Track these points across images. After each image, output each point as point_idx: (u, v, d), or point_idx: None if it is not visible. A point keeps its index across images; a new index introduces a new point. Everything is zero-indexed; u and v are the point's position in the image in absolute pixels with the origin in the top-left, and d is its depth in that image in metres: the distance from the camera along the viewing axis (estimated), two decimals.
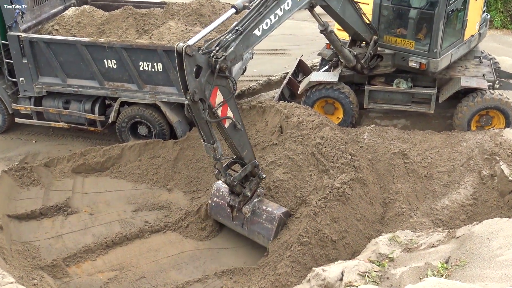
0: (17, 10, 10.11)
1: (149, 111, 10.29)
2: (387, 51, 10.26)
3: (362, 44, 10.36)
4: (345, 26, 9.89)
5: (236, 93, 7.36)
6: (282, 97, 11.23)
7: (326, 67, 11.39)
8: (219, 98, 7.00)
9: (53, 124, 10.99)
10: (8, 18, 10.17)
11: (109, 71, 10.10)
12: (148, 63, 9.84)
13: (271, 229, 7.94)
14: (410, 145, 9.26)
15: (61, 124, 10.93)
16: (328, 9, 9.24)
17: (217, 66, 6.66)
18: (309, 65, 13.12)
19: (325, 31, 9.63)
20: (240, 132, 7.50)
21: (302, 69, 12.66)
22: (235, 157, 7.83)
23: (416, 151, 9.09)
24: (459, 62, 10.58)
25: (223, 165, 7.57)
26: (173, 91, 9.96)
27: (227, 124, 7.26)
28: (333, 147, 8.72)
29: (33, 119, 11.02)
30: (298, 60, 12.63)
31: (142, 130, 10.59)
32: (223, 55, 6.70)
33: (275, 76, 13.22)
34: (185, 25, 10.49)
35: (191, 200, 9.22)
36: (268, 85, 12.96)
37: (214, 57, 6.68)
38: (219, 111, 7.07)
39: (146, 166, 9.88)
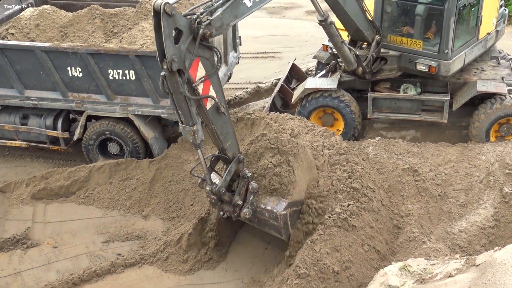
0: None
1: (120, 126, 10.28)
2: (391, 52, 10.36)
3: (363, 45, 10.44)
4: (345, 20, 9.96)
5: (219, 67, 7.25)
6: (273, 107, 11.28)
7: (323, 72, 11.46)
8: (200, 72, 6.85)
9: (9, 143, 10.93)
10: None
11: (74, 81, 10.10)
12: (118, 70, 9.84)
13: (278, 227, 7.90)
14: (421, 160, 9.30)
15: (18, 143, 10.88)
16: None
17: (200, 31, 6.52)
18: (304, 70, 13.22)
19: (325, 22, 9.70)
20: (223, 117, 7.39)
21: (295, 74, 12.74)
22: (217, 152, 7.71)
23: (428, 167, 9.14)
24: (475, 63, 10.70)
25: (207, 167, 7.47)
26: (148, 103, 9.97)
27: (208, 105, 7.13)
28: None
29: None
30: (291, 64, 12.71)
31: (113, 148, 10.57)
32: (208, 19, 6.58)
33: (265, 83, 13.28)
34: None
35: (171, 228, 9.18)
36: (257, 93, 13.02)
37: (198, 20, 6.55)
38: (200, 88, 6.91)
39: (118, 190, 9.84)
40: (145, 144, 10.42)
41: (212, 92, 7.10)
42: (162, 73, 6.56)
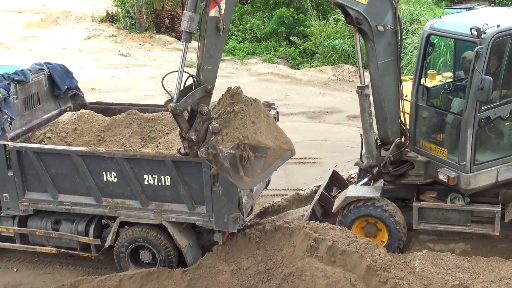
0: (5, 116, 10.56)
1: (153, 233, 10.34)
2: (420, 158, 10.43)
3: (387, 147, 10.54)
4: (376, 99, 10.17)
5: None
6: (313, 216, 11.25)
7: (366, 179, 11.49)
8: None
9: (39, 249, 11.06)
10: None
11: (108, 186, 10.32)
12: (154, 176, 10.05)
13: (227, 168, 8.06)
14: (472, 276, 9.08)
15: (48, 249, 11.00)
16: (367, 47, 9.74)
17: None
18: (345, 177, 13.24)
19: (361, 89, 9.97)
20: (219, 38, 7.80)
21: (336, 181, 12.76)
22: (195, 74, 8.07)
23: (480, 284, 8.90)
24: None
25: (181, 86, 7.90)
26: (183, 209, 10.07)
27: (212, 12, 7.62)
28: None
29: (15, 243, 11.13)
30: (331, 171, 12.77)
31: (145, 256, 10.59)
32: None
33: (304, 190, 13.32)
34: None
35: None
36: (297, 200, 13.03)
37: None
38: None
39: None
40: (178, 253, 10.41)
41: (222, 5, 7.72)
42: None
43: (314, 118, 20.27)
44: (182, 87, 8.05)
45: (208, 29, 7.84)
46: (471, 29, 9.28)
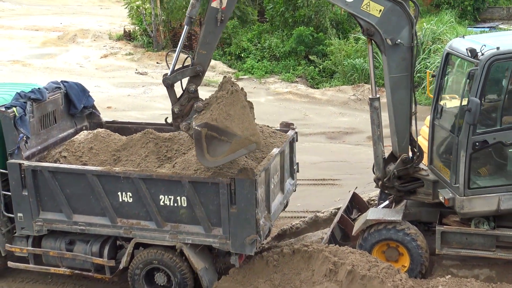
0: (21, 135, 10.62)
1: (169, 255, 10.32)
2: (430, 176, 10.43)
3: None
4: (389, 113, 10.23)
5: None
6: (332, 239, 11.17)
7: (387, 202, 11.42)
8: None
9: (52, 269, 11.07)
10: (10, 143, 10.69)
11: (123, 206, 10.34)
12: (170, 196, 10.05)
13: (195, 144, 9.13)
14: None
15: (62, 270, 11.01)
16: (382, 58, 9.91)
17: None
18: (365, 199, 13.16)
19: (371, 101, 10.13)
20: (217, 27, 9.02)
21: (356, 204, 12.70)
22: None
23: None
24: None
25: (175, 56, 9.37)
26: (199, 231, 10.04)
27: (214, 3, 8.79)
28: None
29: (29, 263, 11.16)
30: (351, 193, 12.72)
31: (160, 278, 10.56)
32: None
33: (323, 213, 13.24)
34: None
35: None
36: (315, 223, 12.96)
37: None
38: None
39: None
40: (194, 276, 10.37)
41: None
42: None
43: (334, 139, 20.25)
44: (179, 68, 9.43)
45: (208, 18, 9.06)
46: (467, 49, 9.29)
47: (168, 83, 9.42)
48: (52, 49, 36.21)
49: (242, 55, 32.02)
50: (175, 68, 9.49)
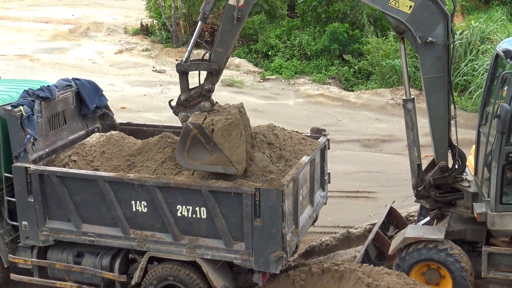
0: (28, 136, 10.67)
1: (185, 271, 10.32)
2: (471, 188, 10.39)
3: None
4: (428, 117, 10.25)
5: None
6: (366, 258, 11.12)
7: (428, 218, 11.34)
8: None
9: (58, 283, 11.13)
10: (16, 145, 10.77)
11: (137, 216, 10.36)
12: (188, 207, 10.06)
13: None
14: None
15: (69, 284, 11.05)
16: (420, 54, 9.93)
17: None
18: (404, 214, 13.10)
19: (405, 103, 10.23)
20: (234, 26, 9.57)
21: (393, 220, 12.63)
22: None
23: None
24: None
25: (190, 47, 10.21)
26: (219, 245, 10.03)
27: (231, 1, 9.40)
28: None
29: (33, 276, 11.22)
30: (388, 207, 12.65)
31: None
32: None
33: (356, 228, 13.21)
34: None
35: None
36: (347, 240, 12.91)
37: None
38: None
39: None
40: None
41: None
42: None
43: (369, 147, 20.17)
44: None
45: (225, 15, 9.63)
46: (502, 50, 9.21)
47: (181, 69, 10.13)
48: (62, 43, 36.60)
49: (270, 53, 32.08)
50: (192, 60, 10.22)
